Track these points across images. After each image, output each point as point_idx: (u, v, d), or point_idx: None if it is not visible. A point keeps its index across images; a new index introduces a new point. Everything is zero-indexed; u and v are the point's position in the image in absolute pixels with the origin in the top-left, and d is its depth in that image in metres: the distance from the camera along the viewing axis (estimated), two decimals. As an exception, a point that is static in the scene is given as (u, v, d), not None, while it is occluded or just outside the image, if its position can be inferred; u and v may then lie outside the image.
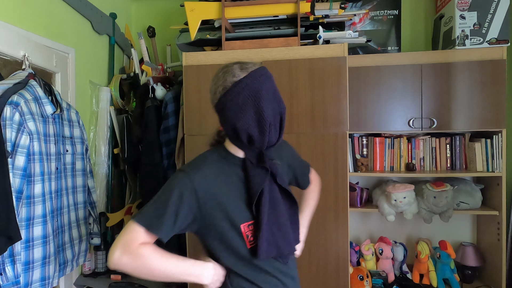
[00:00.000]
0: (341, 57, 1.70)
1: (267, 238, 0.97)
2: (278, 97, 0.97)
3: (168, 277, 0.95)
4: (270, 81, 0.96)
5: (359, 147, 2.14)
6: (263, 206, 0.96)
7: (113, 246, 0.92)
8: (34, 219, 1.37)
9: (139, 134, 2.03)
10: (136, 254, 0.90)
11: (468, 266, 2.01)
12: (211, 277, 0.98)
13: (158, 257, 0.92)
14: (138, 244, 0.91)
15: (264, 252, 0.96)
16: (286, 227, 1.02)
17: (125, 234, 0.92)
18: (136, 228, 0.92)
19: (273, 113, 0.94)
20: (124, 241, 0.91)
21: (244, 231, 0.98)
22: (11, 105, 1.29)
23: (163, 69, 2.23)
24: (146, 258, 0.90)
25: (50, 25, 1.76)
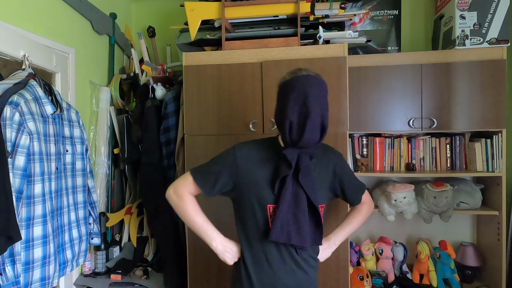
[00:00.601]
0: (341, 57, 1.70)
1: (282, 224, 1.10)
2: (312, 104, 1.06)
3: (192, 226, 1.21)
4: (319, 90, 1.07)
5: (359, 147, 2.14)
6: (284, 194, 1.10)
7: (171, 184, 1.22)
8: (34, 219, 1.37)
9: (139, 134, 2.03)
10: (181, 198, 1.19)
11: (468, 266, 2.01)
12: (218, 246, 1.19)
13: (193, 210, 1.19)
14: (187, 191, 1.19)
15: (275, 234, 1.10)
16: (303, 223, 1.12)
17: (181, 179, 1.21)
18: (188, 178, 1.19)
19: (297, 115, 1.06)
20: (178, 184, 1.21)
21: (269, 212, 1.15)
22: (11, 105, 1.29)
23: (163, 69, 2.23)
24: (185, 205, 1.19)
25: (50, 25, 1.76)
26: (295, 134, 1.08)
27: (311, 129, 1.06)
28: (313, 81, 1.08)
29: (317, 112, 1.06)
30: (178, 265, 1.94)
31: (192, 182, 1.18)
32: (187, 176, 1.20)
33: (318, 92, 1.08)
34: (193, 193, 1.20)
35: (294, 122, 1.06)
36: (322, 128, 1.09)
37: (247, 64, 1.77)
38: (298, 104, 1.06)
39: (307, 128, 1.05)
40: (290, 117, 1.06)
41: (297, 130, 1.07)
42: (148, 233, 2.22)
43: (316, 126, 1.07)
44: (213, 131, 1.79)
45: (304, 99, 1.06)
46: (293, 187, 1.12)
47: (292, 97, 1.07)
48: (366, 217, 1.40)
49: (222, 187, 1.18)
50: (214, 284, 1.79)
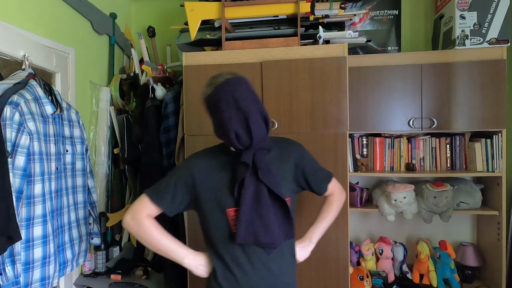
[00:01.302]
0: (341, 57, 1.70)
1: (247, 226, 1.09)
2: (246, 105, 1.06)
3: (158, 250, 1.16)
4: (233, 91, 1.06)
5: (359, 147, 2.14)
6: (244, 195, 1.09)
7: (127, 211, 1.15)
8: (34, 219, 1.38)
9: (139, 134, 2.03)
10: (140, 223, 1.13)
11: (468, 266, 2.01)
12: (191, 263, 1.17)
13: (156, 232, 1.14)
14: (145, 214, 1.13)
15: (241, 236, 1.09)
16: (269, 220, 1.10)
17: (136, 203, 1.15)
18: (145, 199, 1.14)
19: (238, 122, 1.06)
20: (134, 209, 1.14)
21: (230, 216, 1.13)
22: (11, 105, 1.29)
23: (163, 69, 2.23)
24: (146, 229, 1.13)
25: (50, 25, 1.76)
26: (244, 140, 1.07)
27: (257, 128, 1.07)
28: (234, 82, 1.07)
29: (254, 109, 1.07)
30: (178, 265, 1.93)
31: (149, 203, 1.13)
32: (143, 198, 1.15)
33: (244, 90, 1.08)
34: (153, 214, 1.15)
35: (239, 130, 1.06)
36: (265, 121, 1.09)
37: (247, 64, 1.77)
38: (233, 112, 1.06)
39: (253, 129, 1.06)
40: (233, 128, 1.06)
41: (245, 135, 1.07)
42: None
43: (259, 122, 1.07)
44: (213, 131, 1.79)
45: (237, 105, 1.05)
46: (254, 186, 1.11)
47: (225, 108, 1.06)
48: (339, 207, 1.37)
49: (182, 200, 1.16)
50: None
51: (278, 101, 1.74)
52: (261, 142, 1.10)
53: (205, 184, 1.14)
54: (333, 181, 1.35)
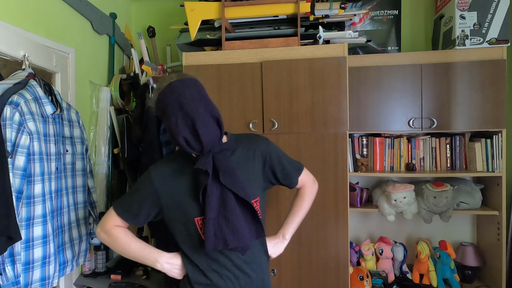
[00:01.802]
0: (341, 57, 1.70)
1: (215, 232, 1.07)
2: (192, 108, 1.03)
3: (130, 256, 1.17)
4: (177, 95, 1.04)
5: (359, 147, 2.14)
6: (209, 202, 1.07)
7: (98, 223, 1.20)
8: (34, 219, 1.37)
9: (139, 134, 2.03)
10: (109, 233, 1.16)
11: (468, 266, 2.01)
12: (164, 265, 1.16)
13: (125, 240, 1.15)
14: (113, 225, 1.16)
15: (210, 244, 1.06)
16: (237, 222, 1.08)
17: (106, 215, 1.19)
18: (112, 212, 1.17)
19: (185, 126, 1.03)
20: (103, 221, 1.18)
21: (198, 224, 1.12)
22: (11, 105, 1.29)
23: (163, 69, 2.23)
24: (115, 238, 1.16)
25: (50, 25, 1.76)
26: (194, 145, 1.05)
27: (205, 130, 1.03)
28: (179, 85, 1.04)
29: (201, 111, 1.04)
30: (178, 265, 1.94)
31: (115, 216, 1.16)
32: (110, 211, 1.18)
33: (190, 92, 1.04)
34: (122, 226, 1.18)
35: (187, 135, 1.03)
36: (216, 122, 1.07)
37: (247, 64, 1.77)
38: (179, 116, 1.03)
39: (201, 133, 1.02)
40: (181, 132, 1.03)
41: (193, 140, 1.04)
42: (148, 233, 2.21)
43: (209, 124, 1.04)
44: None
45: (181, 109, 1.02)
46: (217, 190, 1.08)
47: (171, 113, 1.03)
48: (311, 199, 1.34)
49: (148, 213, 1.15)
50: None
51: (278, 101, 1.74)
52: (214, 144, 1.07)
53: (169, 194, 1.13)
54: (304, 173, 1.31)
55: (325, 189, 1.72)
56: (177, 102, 1.03)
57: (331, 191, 1.73)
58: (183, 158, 1.17)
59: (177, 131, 1.03)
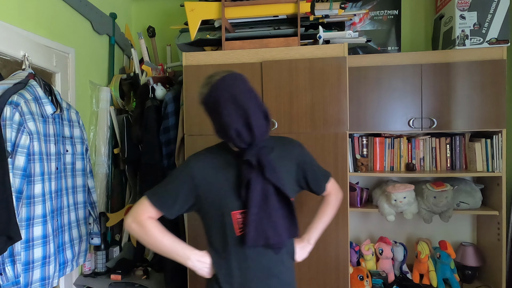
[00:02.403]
0: (341, 57, 1.70)
1: (256, 227, 1.06)
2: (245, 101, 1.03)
3: (161, 251, 1.13)
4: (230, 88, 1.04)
5: (359, 147, 2.13)
6: (252, 197, 1.06)
7: (129, 213, 1.13)
8: (34, 219, 1.38)
9: (139, 134, 2.03)
10: (141, 224, 1.11)
11: (468, 266, 2.01)
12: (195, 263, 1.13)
13: (158, 233, 1.11)
14: (146, 216, 1.11)
15: (252, 239, 1.05)
16: (277, 218, 1.08)
17: (138, 205, 1.13)
18: (145, 202, 1.11)
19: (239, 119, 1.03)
20: (135, 211, 1.12)
21: (235, 218, 1.10)
22: (11, 105, 1.29)
23: (163, 69, 2.23)
24: (148, 230, 1.10)
25: (50, 25, 1.76)
26: (246, 137, 1.04)
27: (258, 124, 1.04)
28: (230, 79, 1.05)
29: (253, 104, 1.04)
30: (178, 265, 1.93)
31: (150, 206, 1.11)
32: (143, 201, 1.12)
33: (242, 86, 1.05)
34: (154, 217, 1.13)
35: (240, 127, 1.03)
36: (265, 117, 1.07)
37: (247, 64, 1.77)
38: (232, 109, 1.03)
39: (254, 125, 1.03)
40: (234, 125, 1.03)
41: (246, 132, 1.04)
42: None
43: (260, 117, 1.05)
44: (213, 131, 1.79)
45: (235, 101, 1.03)
46: (260, 185, 1.07)
47: (223, 106, 1.03)
48: (336, 207, 1.36)
49: (183, 203, 1.13)
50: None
51: (278, 101, 1.74)
52: (262, 138, 1.07)
53: (207, 186, 1.11)
54: (331, 181, 1.34)
55: (325, 189, 1.72)
56: (230, 95, 1.03)
57: (331, 191, 1.73)
58: (224, 151, 1.16)
59: (229, 123, 1.03)
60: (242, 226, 1.09)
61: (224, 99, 1.03)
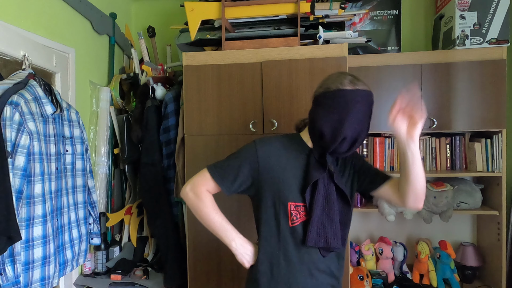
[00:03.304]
0: (341, 57, 1.70)
1: (318, 229, 1.07)
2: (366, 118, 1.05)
3: (210, 226, 1.14)
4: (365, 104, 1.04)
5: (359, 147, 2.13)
6: (317, 198, 1.07)
7: (188, 182, 1.16)
8: (34, 219, 1.37)
9: (139, 134, 2.03)
10: (198, 196, 1.13)
11: (468, 266, 2.01)
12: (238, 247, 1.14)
13: (211, 208, 1.13)
14: (204, 188, 1.13)
15: (312, 240, 1.07)
16: (338, 224, 1.09)
17: (198, 176, 1.15)
18: (206, 174, 1.13)
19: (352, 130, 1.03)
20: (195, 181, 1.14)
21: (290, 209, 1.10)
22: (11, 105, 1.29)
23: (163, 69, 2.23)
24: (203, 204, 1.12)
25: (50, 25, 1.76)
26: (344, 147, 1.05)
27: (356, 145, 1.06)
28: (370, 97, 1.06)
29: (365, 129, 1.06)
30: (178, 265, 1.94)
31: (210, 179, 1.12)
32: (204, 173, 1.14)
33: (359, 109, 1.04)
34: (212, 191, 1.15)
35: (348, 138, 1.03)
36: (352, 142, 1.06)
37: (247, 64, 1.77)
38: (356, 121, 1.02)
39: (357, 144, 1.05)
40: (346, 133, 1.02)
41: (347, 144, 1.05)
42: (148, 233, 2.22)
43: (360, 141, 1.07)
44: (213, 131, 1.79)
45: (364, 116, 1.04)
46: (325, 188, 1.09)
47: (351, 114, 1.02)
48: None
49: (242, 183, 1.13)
50: (214, 284, 1.79)
51: (278, 101, 1.74)
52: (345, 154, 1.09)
53: (271, 172, 1.11)
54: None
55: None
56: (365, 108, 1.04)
57: (331, 191, 1.73)
58: (293, 144, 1.16)
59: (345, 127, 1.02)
60: (295, 218, 1.10)
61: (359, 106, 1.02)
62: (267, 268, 1.12)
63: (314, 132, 1.09)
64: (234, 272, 1.76)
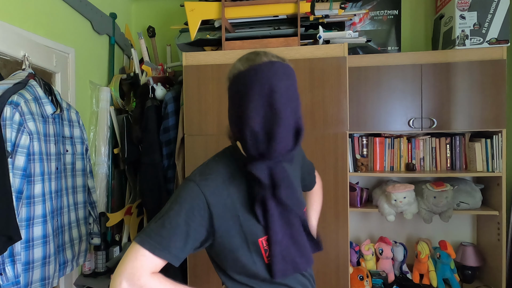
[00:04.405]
0: (341, 57, 1.70)
1: (283, 256, 0.88)
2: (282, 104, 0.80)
3: None
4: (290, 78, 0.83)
5: (359, 147, 2.14)
6: (271, 221, 0.86)
7: (118, 272, 0.79)
8: (34, 219, 1.37)
9: (139, 134, 2.03)
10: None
11: (468, 266, 2.01)
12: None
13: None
14: (147, 274, 0.80)
15: (279, 271, 0.88)
16: (303, 241, 0.93)
17: (131, 260, 0.80)
18: (142, 252, 0.80)
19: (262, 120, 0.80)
20: (130, 270, 0.79)
21: (262, 246, 0.89)
22: (11, 105, 1.29)
23: (163, 69, 2.23)
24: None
25: (50, 25, 1.76)
26: (261, 146, 0.80)
27: (283, 135, 0.78)
28: (280, 70, 0.80)
29: (288, 111, 0.79)
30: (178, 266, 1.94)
31: (151, 257, 0.80)
32: (139, 252, 0.80)
33: (287, 83, 0.80)
34: (156, 270, 0.83)
35: (259, 131, 0.79)
36: (296, 132, 0.82)
37: (247, 64, 1.77)
38: (262, 105, 0.78)
39: (278, 138, 0.78)
40: (252, 125, 0.78)
41: (263, 141, 0.79)
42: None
43: (289, 131, 0.80)
44: (213, 131, 1.79)
45: (270, 99, 0.78)
46: (278, 206, 0.87)
47: (253, 96, 0.79)
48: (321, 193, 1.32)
49: (194, 242, 0.86)
50: (214, 284, 1.79)
51: (278, 101, 1.74)
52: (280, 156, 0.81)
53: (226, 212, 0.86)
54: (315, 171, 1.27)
55: (325, 189, 1.71)
56: (268, 87, 0.78)
57: (331, 191, 1.73)
58: (231, 163, 0.91)
59: (248, 119, 0.79)
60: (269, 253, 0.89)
61: (259, 89, 0.79)
62: None
63: (243, 137, 0.81)
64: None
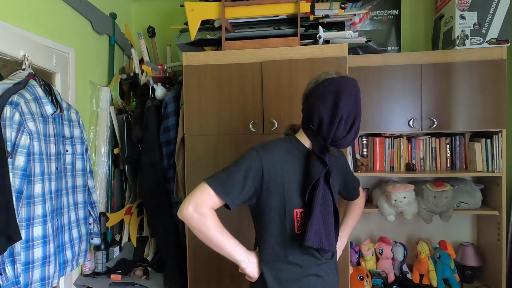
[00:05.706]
0: (341, 57, 1.70)
1: (316, 229, 1.05)
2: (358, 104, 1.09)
3: (216, 248, 1.07)
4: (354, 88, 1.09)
5: (359, 147, 2.14)
6: (317, 197, 1.06)
7: (188, 199, 1.04)
8: (34, 219, 1.37)
9: (139, 134, 2.03)
10: (205, 216, 1.03)
11: (468, 266, 2.01)
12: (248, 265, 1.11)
13: (217, 230, 1.05)
14: (209, 207, 1.04)
15: (310, 239, 1.03)
16: (331, 226, 1.09)
17: (199, 193, 1.04)
18: (208, 190, 1.04)
19: (348, 112, 1.06)
20: (197, 200, 1.04)
21: (296, 216, 1.09)
22: (11, 105, 1.29)
23: (163, 69, 2.23)
24: (208, 225, 1.03)
25: (50, 25, 1.76)
26: (343, 131, 1.07)
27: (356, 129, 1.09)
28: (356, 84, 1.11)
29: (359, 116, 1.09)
30: (178, 265, 1.94)
31: (213, 195, 1.04)
32: (206, 189, 1.04)
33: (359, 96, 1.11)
34: (215, 207, 1.06)
35: (344, 120, 1.06)
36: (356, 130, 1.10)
37: (247, 64, 1.77)
38: (349, 104, 1.06)
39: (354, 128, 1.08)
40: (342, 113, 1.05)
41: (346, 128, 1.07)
42: (148, 233, 2.22)
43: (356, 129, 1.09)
44: (213, 131, 1.79)
45: (355, 101, 1.08)
46: (322, 189, 1.08)
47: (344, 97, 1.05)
48: (362, 208, 1.48)
49: (247, 194, 1.08)
50: (214, 284, 1.79)
51: (278, 101, 1.74)
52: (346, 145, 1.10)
53: (275, 180, 1.08)
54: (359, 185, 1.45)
55: (325, 189, 1.72)
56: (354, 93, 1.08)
57: (331, 191, 1.73)
58: (292, 147, 1.14)
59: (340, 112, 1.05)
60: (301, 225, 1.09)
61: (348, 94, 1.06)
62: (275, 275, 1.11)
63: (313, 123, 1.10)
64: (234, 272, 1.76)
